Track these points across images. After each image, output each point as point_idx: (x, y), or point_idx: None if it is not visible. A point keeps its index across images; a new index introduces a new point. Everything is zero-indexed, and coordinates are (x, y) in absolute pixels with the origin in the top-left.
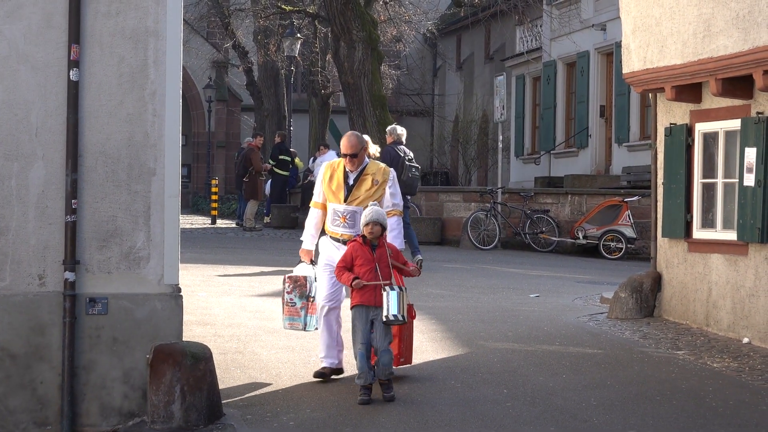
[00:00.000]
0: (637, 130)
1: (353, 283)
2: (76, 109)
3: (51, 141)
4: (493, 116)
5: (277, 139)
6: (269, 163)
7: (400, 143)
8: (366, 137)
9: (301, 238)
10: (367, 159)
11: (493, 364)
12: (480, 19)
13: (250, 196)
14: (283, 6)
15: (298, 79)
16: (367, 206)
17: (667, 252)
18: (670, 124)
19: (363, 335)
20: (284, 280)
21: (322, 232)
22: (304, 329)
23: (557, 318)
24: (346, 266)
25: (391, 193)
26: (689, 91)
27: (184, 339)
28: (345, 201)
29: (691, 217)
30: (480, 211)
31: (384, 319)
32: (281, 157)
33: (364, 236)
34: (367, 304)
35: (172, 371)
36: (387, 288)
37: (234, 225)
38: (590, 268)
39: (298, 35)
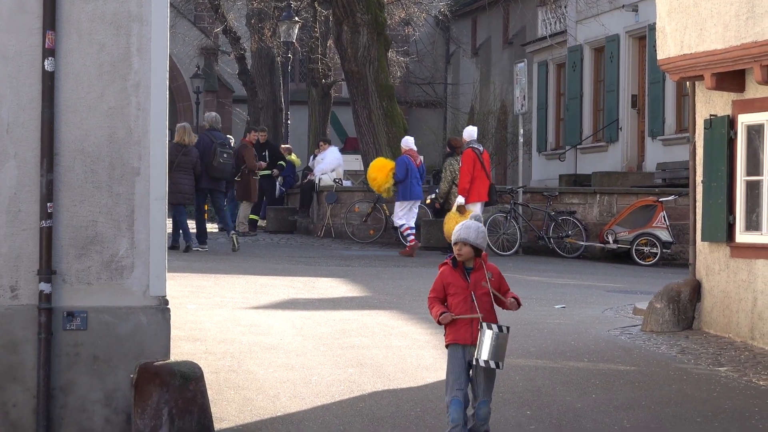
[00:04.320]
0: (672, 123)
1: (440, 318)
2: (52, 103)
3: (24, 138)
4: (512, 107)
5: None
6: (264, 162)
7: (215, 129)
8: (184, 125)
9: None
10: None
11: (515, 383)
12: None
13: (243, 197)
14: None
15: (296, 67)
16: None
17: (707, 257)
18: (710, 115)
19: (458, 380)
20: None
21: None
22: None
23: (585, 331)
24: (438, 296)
25: None
26: (731, 79)
27: (172, 357)
28: None
29: (734, 218)
30: (499, 213)
31: (474, 361)
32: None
33: (454, 258)
34: (462, 343)
35: (159, 392)
36: (483, 324)
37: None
38: (622, 275)
39: (296, 18)
